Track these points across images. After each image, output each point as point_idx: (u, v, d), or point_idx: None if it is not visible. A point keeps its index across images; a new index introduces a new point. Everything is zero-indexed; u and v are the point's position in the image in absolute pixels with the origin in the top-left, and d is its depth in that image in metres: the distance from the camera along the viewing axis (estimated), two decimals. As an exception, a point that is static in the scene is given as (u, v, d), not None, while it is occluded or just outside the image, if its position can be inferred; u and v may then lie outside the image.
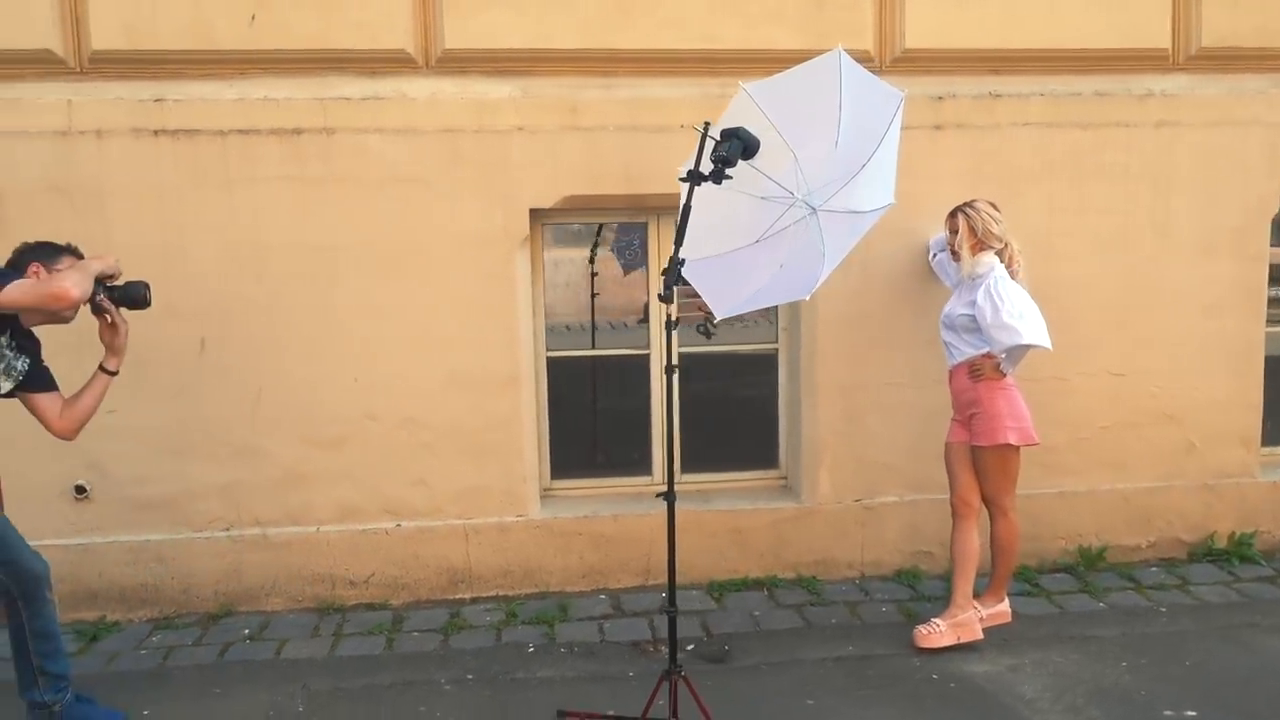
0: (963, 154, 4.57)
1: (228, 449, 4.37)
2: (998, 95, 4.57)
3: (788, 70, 3.36)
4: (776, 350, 4.86)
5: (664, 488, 3.23)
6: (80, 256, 3.31)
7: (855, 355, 4.61)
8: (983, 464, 3.98)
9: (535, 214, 4.44)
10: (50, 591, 3.31)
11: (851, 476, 4.68)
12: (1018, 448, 3.94)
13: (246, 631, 4.23)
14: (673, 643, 3.20)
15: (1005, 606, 4.14)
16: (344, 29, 4.25)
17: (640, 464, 4.85)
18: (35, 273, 3.15)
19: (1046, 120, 4.60)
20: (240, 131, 4.24)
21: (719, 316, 3.36)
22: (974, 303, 3.92)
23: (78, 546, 4.35)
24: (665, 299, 2.88)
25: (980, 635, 3.98)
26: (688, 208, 2.98)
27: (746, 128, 3.08)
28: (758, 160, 3.22)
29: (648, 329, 4.79)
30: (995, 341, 3.85)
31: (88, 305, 3.28)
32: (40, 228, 4.11)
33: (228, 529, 4.42)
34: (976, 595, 4.16)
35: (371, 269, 4.34)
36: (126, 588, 4.39)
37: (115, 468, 4.33)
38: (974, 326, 3.94)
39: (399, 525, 4.49)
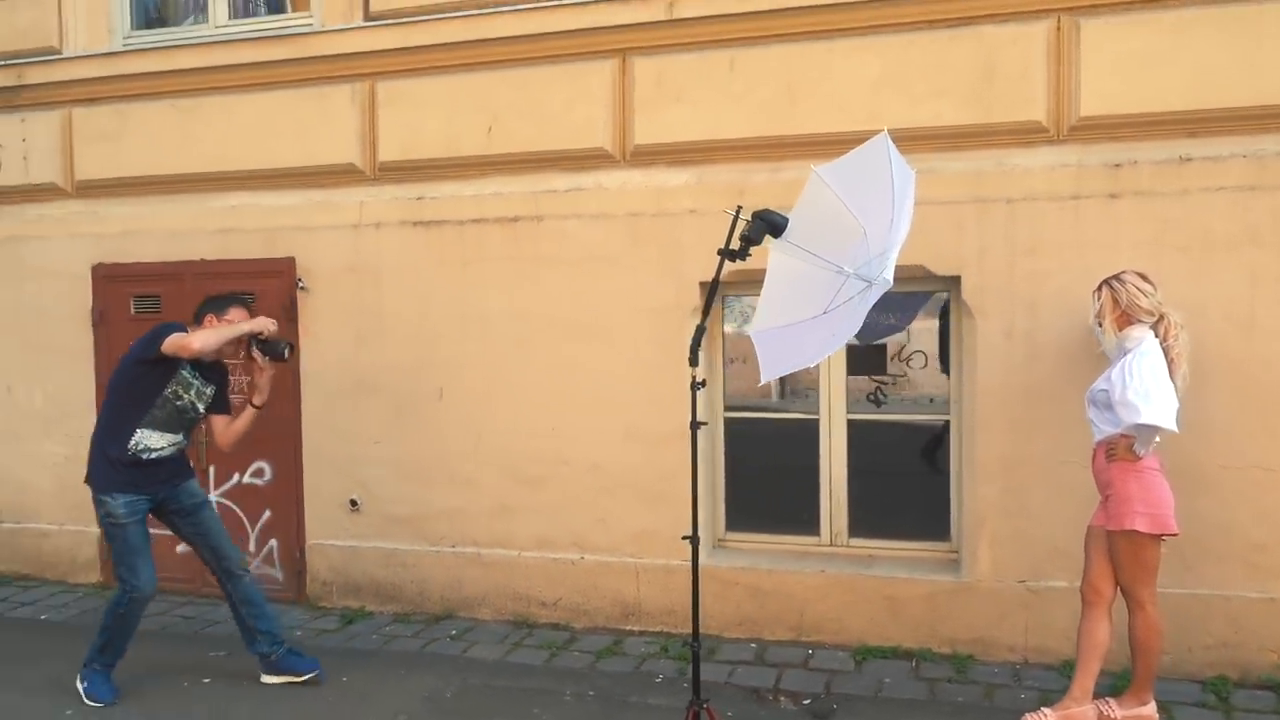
0: (1142, 222, 4.30)
1: (455, 480, 5.32)
2: (1187, 159, 4.26)
3: (851, 152, 3.56)
4: (948, 420, 4.85)
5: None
6: (246, 305, 4.39)
7: (1019, 428, 4.48)
8: (1115, 550, 3.74)
9: (705, 286, 4.91)
10: (246, 568, 4.49)
11: (1014, 555, 4.52)
12: (1154, 536, 3.66)
13: (453, 632, 5.10)
14: (696, 675, 3.48)
15: (1148, 711, 3.81)
16: (556, 133, 5.09)
17: (809, 524, 5.06)
18: (209, 322, 4.27)
19: (1248, 183, 4.19)
20: (474, 221, 5.23)
21: (764, 380, 3.61)
22: (1110, 377, 3.75)
23: (350, 548, 5.53)
24: (692, 362, 3.26)
25: (1096, 733, 3.72)
26: (716, 282, 3.35)
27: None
28: (834, 236, 3.48)
29: (819, 394, 5.03)
30: (1120, 419, 3.65)
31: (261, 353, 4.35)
32: (337, 295, 5.46)
33: (453, 546, 5.35)
34: (1116, 694, 3.88)
35: (567, 334, 5.08)
36: (380, 585, 5.48)
37: (377, 488, 5.46)
38: (1110, 403, 3.75)
39: (583, 558, 5.14)
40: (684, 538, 3.60)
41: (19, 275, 6.10)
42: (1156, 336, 3.78)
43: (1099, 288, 3.91)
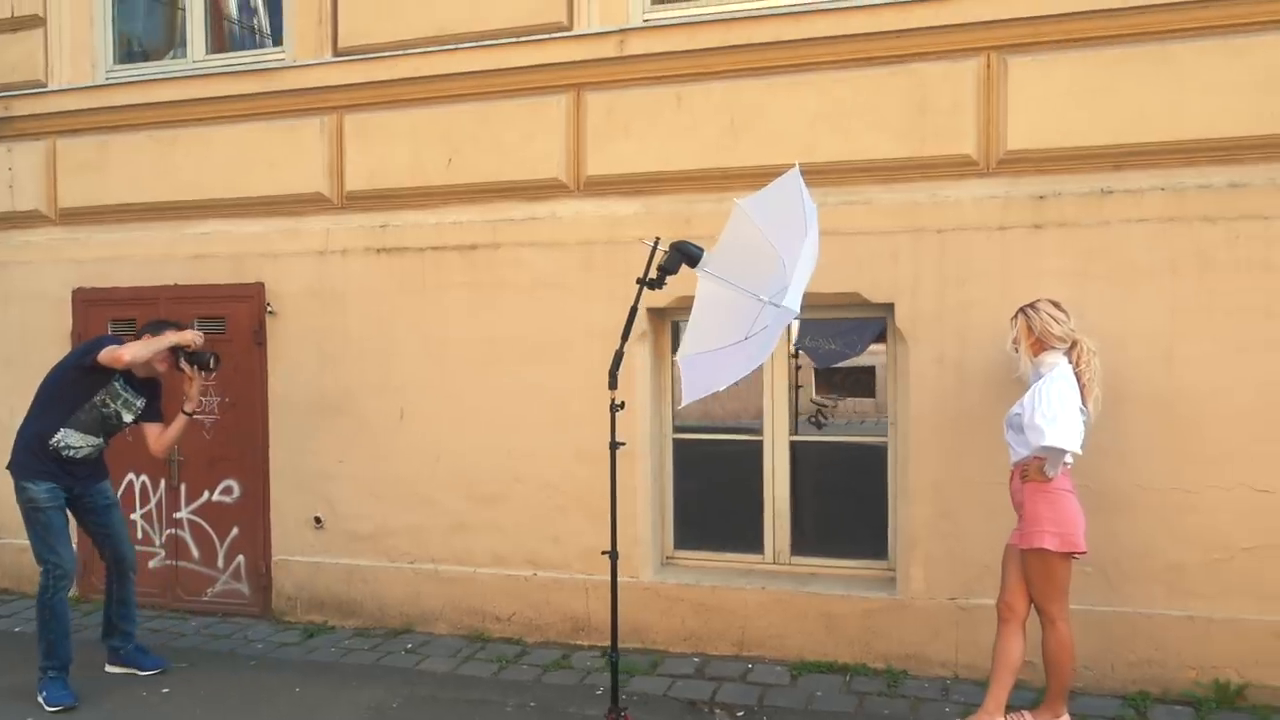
0: (1065, 253, 4.47)
1: (414, 499, 5.49)
2: (1109, 191, 4.43)
3: (769, 185, 3.74)
4: (887, 444, 5.00)
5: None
6: (180, 328, 4.73)
7: (950, 451, 4.63)
8: (1027, 568, 3.89)
9: (654, 313, 5.10)
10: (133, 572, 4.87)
11: (946, 574, 4.66)
12: (1063, 555, 3.81)
13: (409, 646, 5.26)
14: (614, 685, 3.65)
15: (1063, 724, 3.95)
16: (513, 165, 5.30)
17: (753, 542, 5.21)
18: (145, 339, 4.58)
19: (1168, 215, 4.35)
20: (435, 248, 5.43)
21: (684, 402, 3.78)
22: (1022, 402, 3.91)
23: (314, 564, 5.70)
24: (611, 386, 3.44)
25: (1007, 745, 3.85)
26: (634, 309, 3.54)
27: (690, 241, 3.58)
28: (754, 266, 3.67)
29: (764, 416, 5.19)
30: (1028, 442, 3.81)
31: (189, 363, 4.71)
32: (303, 319, 5.66)
33: (412, 562, 5.52)
34: (1032, 708, 4.02)
35: (522, 358, 5.27)
36: (342, 600, 5.65)
37: (341, 506, 5.64)
38: (1022, 426, 3.91)
39: (536, 574, 5.30)
40: (603, 553, 3.77)
41: (3, 298, 6.33)
42: (1070, 363, 3.95)
43: (1015, 315, 4.08)
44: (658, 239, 3.61)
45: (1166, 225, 4.37)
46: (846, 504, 5.23)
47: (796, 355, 5.29)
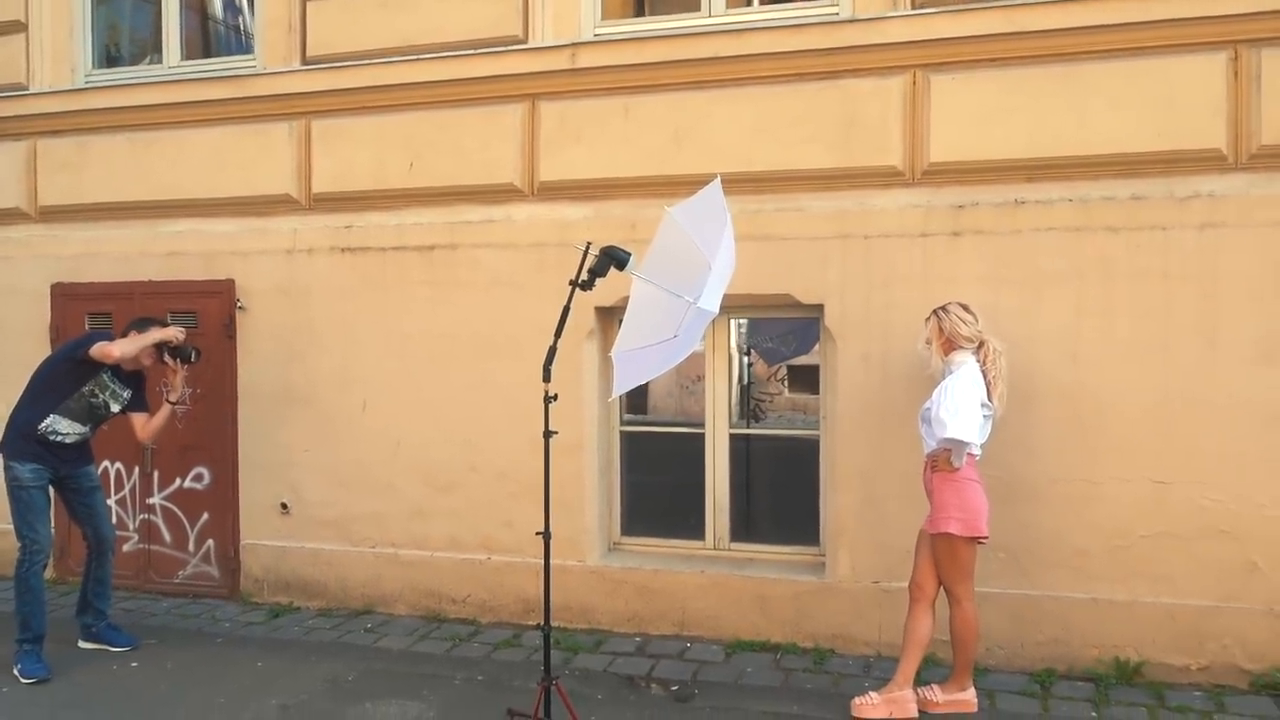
0: (982, 259, 4.78)
1: (376, 485, 5.77)
2: (1021, 202, 4.74)
3: (697, 193, 4.02)
4: (819, 436, 5.30)
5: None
6: (163, 325, 5.06)
7: (874, 443, 4.94)
8: (935, 551, 4.20)
9: (601, 311, 5.38)
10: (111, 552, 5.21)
11: (870, 558, 4.97)
12: (967, 539, 4.12)
13: (369, 625, 5.55)
14: (547, 656, 3.93)
15: (967, 696, 4.26)
16: (471, 170, 5.58)
17: (696, 529, 5.51)
18: (132, 336, 4.90)
19: (1075, 225, 4.67)
20: (395, 248, 5.71)
21: (614, 395, 4.08)
22: (932, 397, 4.22)
23: (280, 548, 5.98)
24: (545, 378, 3.74)
25: (913, 714, 4.17)
26: (567, 309, 3.84)
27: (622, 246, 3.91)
28: (682, 269, 3.96)
29: (705, 409, 5.49)
30: (933, 434, 4.12)
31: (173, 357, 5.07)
32: (271, 315, 5.93)
33: (373, 547, 5.80)
34: (941, 682, 4.33)
35: (479, 352, 5.55)
36: (307, 582, 5.93)
37: (306, 492, 5.92)
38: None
39: (490, 558, 5.59)
40: (537, 533, 4.06)
41: (-16, 292, 6.59)
42: (978, 361, 4.26)
43: (929, 316, 4.39)
44: (589, 244, 3.90)
45: (1073, 234, 4.68)
46: (782, 493, 5.55)
47: (749, 353, 5.60)
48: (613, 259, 3.83)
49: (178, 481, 6.15)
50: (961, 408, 4.06)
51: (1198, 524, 4.54)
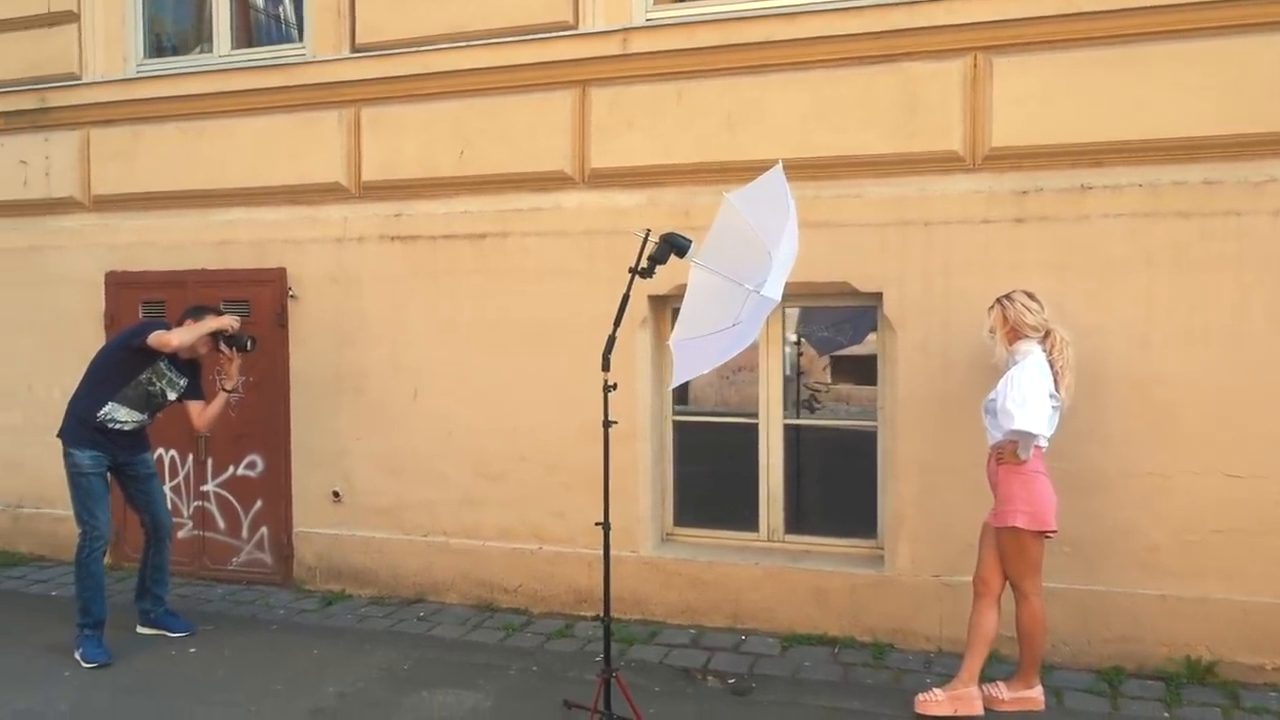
0: (1047, 246, 4.65)
1: (427, 474, 5.77)
2: (1088, 187, 4.60)
3: (757, 179, 3.94)
4: (877, 427, 5.21)
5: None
6: (219, 313, 5.08)
7: (934, 434, 4.84)
8: (1001, 545, 4.10)
9: (655, 299, 5.32)
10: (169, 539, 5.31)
11: (930, 551, 4.88)
12: (1034, 533, 4.02)
13: (421, 614, 5.55)
14: (607, 648, 3.89)
15: (1034, 693, 4.17)
16: (521, 157, 5.53)
17: (749, 520, 5.44)
18: (188, 325, 4.92)
19: (1145, 210, 4.52)
20: (445, 237, 5.68)
21: (674, 384, 4.02)
22: (997, 387, 4.12)
23: (332, 536, 6.00)
24: (604, 367, 3.70)
25: (979, 711, 4.08)
26: (626, 297, 3.78)
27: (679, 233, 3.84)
28: (741, 256, 3.88)
29: (759, 400, 5.41)
30: (1000, 426, 4.01)
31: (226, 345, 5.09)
32: (322, 303, 5.93)
33: (425, 535, 5.80)
34: (1007, 679, 4.23)
35: (528, 341, 5.52)
36: (359, 570, 5.95)
37: (358, 481, 5.93)
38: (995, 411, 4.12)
39: (541, 548, 5.56)
40: (596, 524, 4.01)
41: (40, 281, 6.65)
42: (1044, 351, 4.15)
43: (992, 305, 4.28)
44: (648, 231, 3.84)
45: (1144, 220, 4.54)
46: (838, 485, 5.46)
47: (799, 343, 5.52)
48: (673, 246, 3.77)
49: (231, 469, 6.19)
50: (1029, 398, 3.95)
51: (1271, 519, 4.40)
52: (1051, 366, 4.11)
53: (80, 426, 4.93)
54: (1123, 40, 4.51)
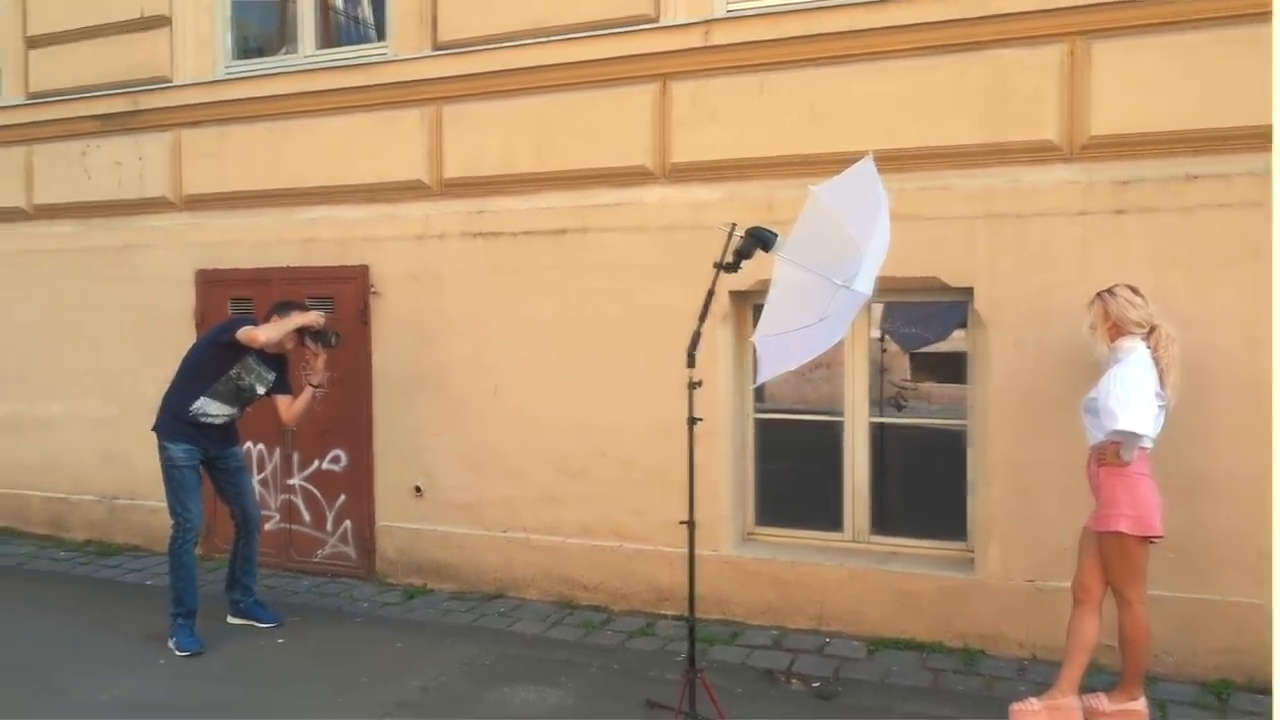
0: (1148, 238, 4.45)
1: (507, 471, 5.78)
2: (1194, 177, 4.39)
3: (844, 172, 3.84)
4: (966, 427, 5.06)
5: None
6: (304, 309, 5.14)
7: (1028, 434, 4.68)
8: (1103, 551, 3.94)
9: (736, 295, 5.24)
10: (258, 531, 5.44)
11: (1023, 555, 4.71)
12: (1139, 538, 3.85)
13: (502, 609, 5.57)
14: (691, 648, 3.85)
15: (1138, 706, 3.99)
16: (601, 152, 5.50)
17: (833, 520, 5.33)
18: (275, 320, 5.01)
19: (1253, 200, 4.29)
20: (526, 233, 5.68)
21: (758, 381, 3.94)
22: (1098, 386, 3.95)
23: (414, 530, 6.06)
24: (689, 364, 3.64)
25: (1077, 722, 3.92)
26: (711, 292, 3.71)
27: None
28: (828, 250, 3.79)
29: (844, 398, 5.30)
30: (1101, 426, 3.85)
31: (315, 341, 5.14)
32: (404, 300, 5.99)
33: (505, 531, 5.82)
34: (1108, 690, 4.07)
35: (608, 337, 5.49)
36: (440, 565, 5.99)
37: (439, 476, 5.97)
38: (1097, 410, 3.95)
39: (621, 545, 5.53)
40: (681, 522, 3.96)
41: (134, 279, 6.84)
42: (1148, 348, 3.97)
43: (1093, 300, 4.11)
44: (733, 225, 3.77)
45: (1252, 210, 4.31)
46: (925, 485, 5.32)
47: (883, 339, 5.39)
48: (759, 240, 3.69)
49: (316, 463, 6.29)
50: (1133, 398, 3.78)
51: (1394, 526, 4.16)
52: (1156, 364, 3.94)
53: (174, 421, 5.05)
54: (1232, 21, 4.28)
